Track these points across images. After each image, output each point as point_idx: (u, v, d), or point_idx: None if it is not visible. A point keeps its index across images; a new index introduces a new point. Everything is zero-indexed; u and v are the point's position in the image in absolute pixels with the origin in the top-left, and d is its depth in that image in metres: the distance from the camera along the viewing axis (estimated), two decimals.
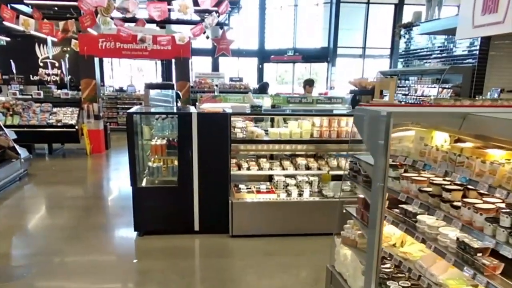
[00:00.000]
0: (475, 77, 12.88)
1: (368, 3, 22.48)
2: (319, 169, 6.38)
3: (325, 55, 23.08)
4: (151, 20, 14.37)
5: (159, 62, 19.98)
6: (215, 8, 12.12)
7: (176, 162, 6.24)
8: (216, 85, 16.51)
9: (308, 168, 6.35)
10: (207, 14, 19.38)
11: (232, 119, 6.11)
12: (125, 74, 21.24)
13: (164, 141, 6.40)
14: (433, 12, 16.46)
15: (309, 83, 10.32)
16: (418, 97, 14.46)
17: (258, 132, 6.30)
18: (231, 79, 18.70)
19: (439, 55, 15.05)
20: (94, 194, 9.01)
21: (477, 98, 10.25)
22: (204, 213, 6.16)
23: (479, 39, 12.58)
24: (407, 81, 15.84)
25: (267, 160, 6.58)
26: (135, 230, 6.21)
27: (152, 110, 7.33)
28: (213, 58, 21.65)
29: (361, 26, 22.95)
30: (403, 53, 17.90)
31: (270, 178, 6.81)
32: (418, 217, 3.26)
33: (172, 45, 11.69)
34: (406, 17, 19.61)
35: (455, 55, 14.00)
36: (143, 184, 6.34)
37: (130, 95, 17.86)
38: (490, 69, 12.89)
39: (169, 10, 10.79)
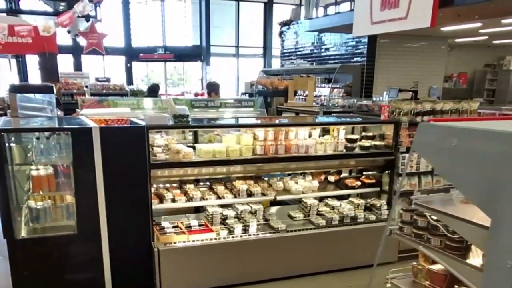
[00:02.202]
0: (365, 76, 12.67)
1: (237, 0, 21.77)
2: (263, 194, 5.03)
3: (198, 54, 21.88)
4: None
5: (13, 60, 16.65)
6: None
7: (72, 199, 4.44)
8: (86, 86, 14.21)
9: (250, 194, 4.98)
10: (62, 3, 16.83)
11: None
12: None
13: (51, 170, 4.53)
14: (312, 10, 16.23)
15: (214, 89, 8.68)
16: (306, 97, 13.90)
17: (186, 151, 4.73)
18: (97, 79, 16.42)
19: (324, 54, 14.69)
20: None
21: (374, 99, 9.84)
22: (118, 267, 4.41)
23: (366, 37, 12.36)
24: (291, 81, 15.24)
25: (196, 187, 5.05)
26: None
27: (22, 123, 5.26)
28: (74, 56, 18.96)
29: (233, 24, 22.17)
30: (285, 51, 17.32)
31: (196, 208, 5.30)
32: None
33: (35, 37, 9.34)
34: (281, 16, 19.17)
35: (343, 54, 13.72)
36: (24, 234, 4.39)
37: None
38: (378, 68, 12.79)
39: None
